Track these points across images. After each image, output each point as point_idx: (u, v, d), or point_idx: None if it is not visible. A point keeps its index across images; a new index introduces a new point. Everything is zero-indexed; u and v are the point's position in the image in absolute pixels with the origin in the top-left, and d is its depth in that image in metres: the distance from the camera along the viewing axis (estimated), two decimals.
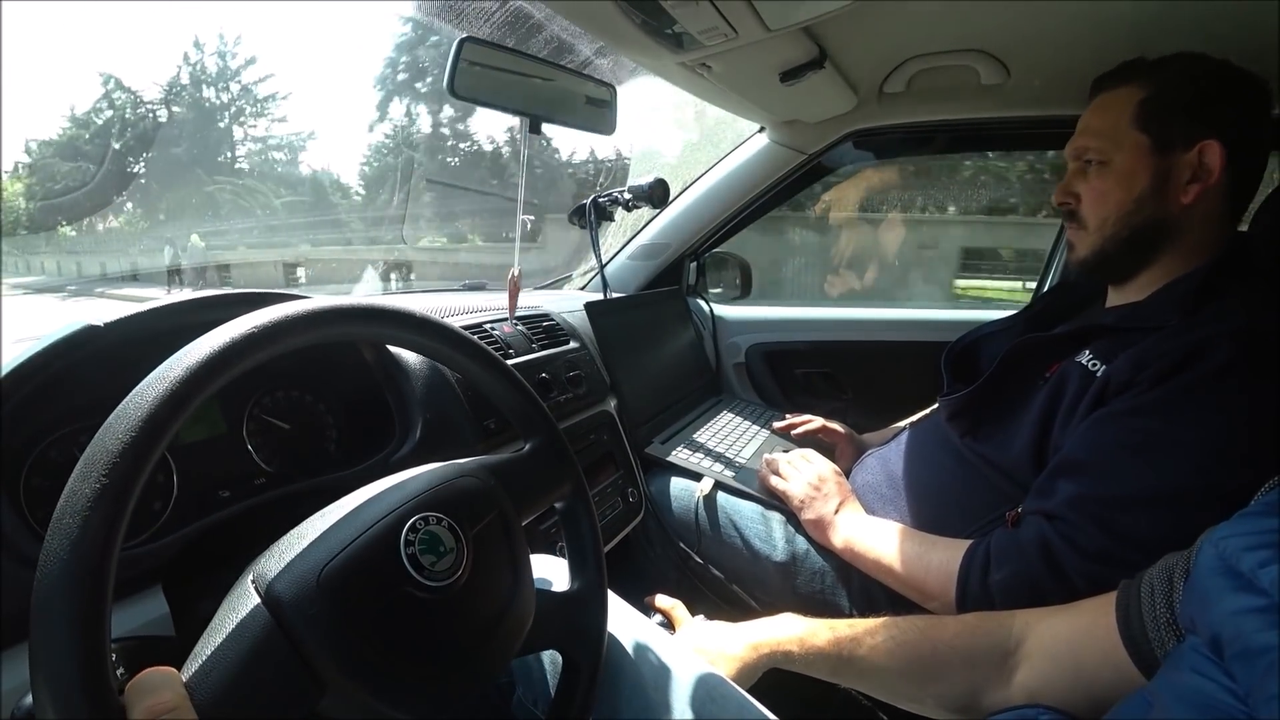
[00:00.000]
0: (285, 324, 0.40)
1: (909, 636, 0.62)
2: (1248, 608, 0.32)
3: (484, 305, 1.13)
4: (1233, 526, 0.38)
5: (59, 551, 0.30)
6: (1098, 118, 0.80)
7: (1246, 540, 0.35)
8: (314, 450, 0.76)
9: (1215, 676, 0.33)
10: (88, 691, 0.29)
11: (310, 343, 0.42)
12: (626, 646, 0.63)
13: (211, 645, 0.36)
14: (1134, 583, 0.48)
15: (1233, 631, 0.33)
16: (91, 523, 0.30)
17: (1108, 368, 0.71)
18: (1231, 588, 0.34)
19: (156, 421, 0.33)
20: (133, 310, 0.59)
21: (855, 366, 1.58)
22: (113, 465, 0.32)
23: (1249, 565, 0.33)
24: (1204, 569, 0.37)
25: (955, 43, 1.08)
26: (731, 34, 0.85)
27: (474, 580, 0.44)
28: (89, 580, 0.30)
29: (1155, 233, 0.76)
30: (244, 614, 0.37)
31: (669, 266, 1.61)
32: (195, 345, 0.37)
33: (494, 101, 1.00)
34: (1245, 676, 0.31)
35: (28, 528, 0.53)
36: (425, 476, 0.48)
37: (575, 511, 0.58)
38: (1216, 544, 0.37)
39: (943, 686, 0.59)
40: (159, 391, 0.34)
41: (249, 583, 0.39)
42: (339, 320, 0.45)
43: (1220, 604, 0.34)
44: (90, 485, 0.31)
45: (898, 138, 1.47)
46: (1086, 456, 0.68)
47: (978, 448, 0.83)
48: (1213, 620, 0.35)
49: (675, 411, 1.35)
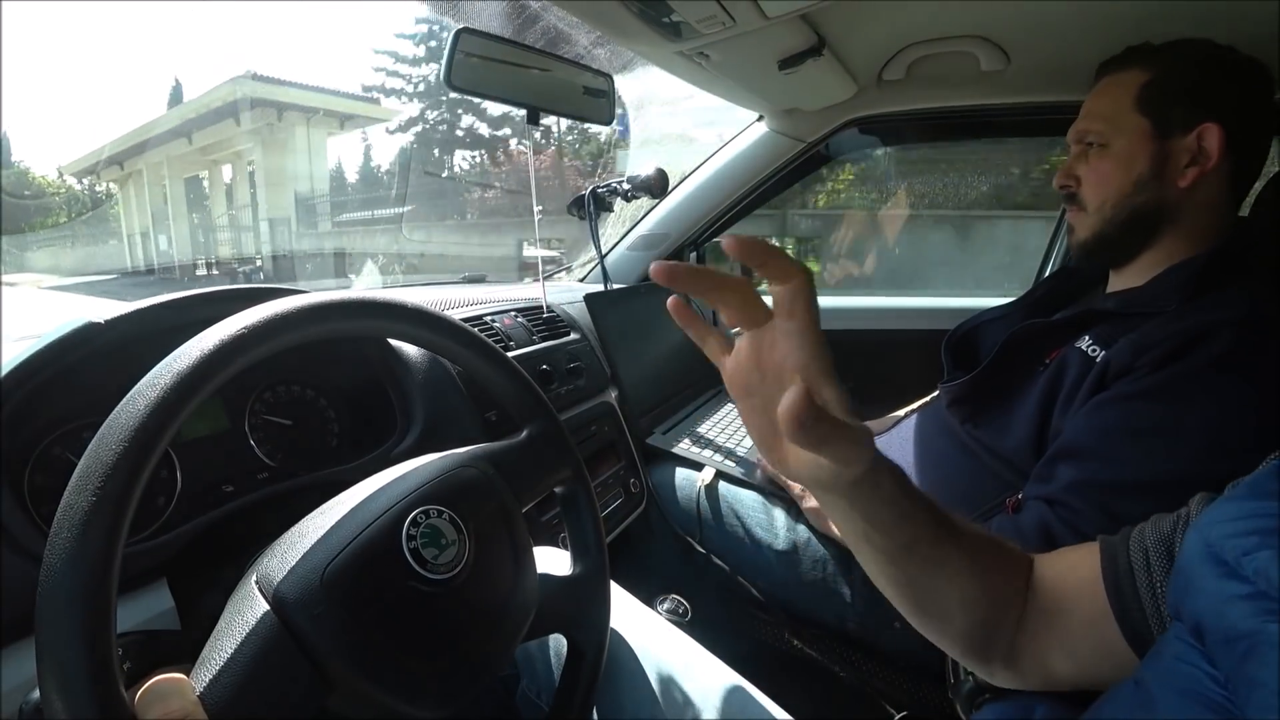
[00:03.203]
0: (278, 322, 0.40)
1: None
2: (1231, 594, 0.32)
3: (484, 297, 1.13)
4: (1218, 511, 0.38)
5: (60, 564, 0.30)
6: (1100, 101, 0.79)
7: (1232, 527, 0.35)
8: (316, 444, 0.77)
9: (1197, 663, 0.33)
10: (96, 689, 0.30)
11: (305, 340, 0.42)
12: (630, 639, 0.63)
13: (219, 650, 0.36)
14: (1118, 556, 0.45)
15: (1215, 618, 0.33)
16: (90, 535, 0.30)
17: (1108, 352, 0.71)
18: (1215, 575, 0.34)
19: (149, 431, 0.33)
20: (133, 307, 0.59)
21: (855, 355, 1.57)
22: (107, 477, 0.32)
23: (1233, 553, 0.33)
24: (1190, 556, 0.37)
25: (955, 29, 1.07)
26: (729, 22, 0.85)
27: (477, 571, 0.44)
28: (93, 585, 0.30)
29: (1154, 216, 0.76)
30: (250, 617, 0.37)
31: (669, 256, 1.60)
32: (187, 348, 0.36)
33: (491, 93, 0.99)
34: (1225, 661, 0.32)
35: (32, 523, 0.53)
36: (424, 469, 0.48)
37: (575, 496, 0.58)
38: (1202, 530, 0.37)
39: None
40: (150, 399, 0.34)
41: (253, 584, 0.40)
42: (334, 316, 0.44)
43: (1203, 591, 0.34)
44: (86, 498, 0.31)
45: (898, 125, 1.46)
46: (1087, 441, 0.68)
47: (978, 434, 0.83)
48: (1196, 607, 0.35)
49: (676, 402, 1.35)
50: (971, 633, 0.47)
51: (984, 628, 0.47)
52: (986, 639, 0.48)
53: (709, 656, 0.64)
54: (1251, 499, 0.36)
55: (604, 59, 1.13)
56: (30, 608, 0.30)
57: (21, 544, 0.50)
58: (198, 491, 0.65)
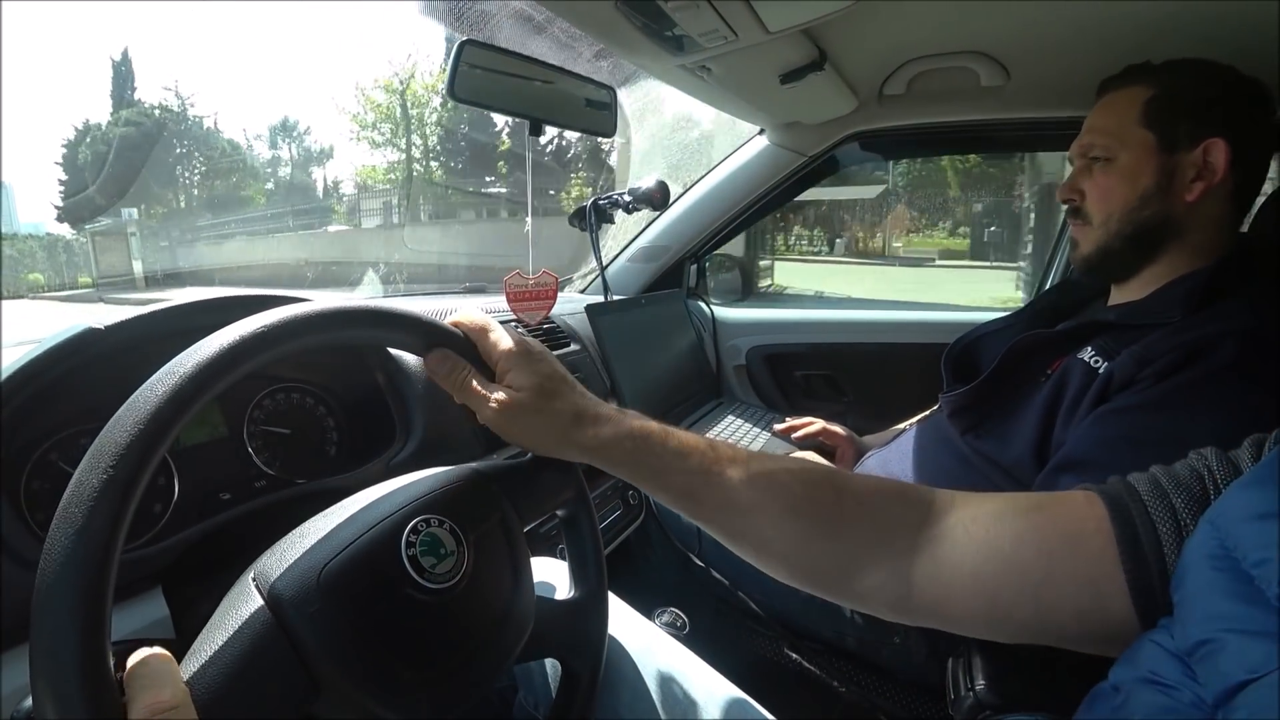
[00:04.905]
0: (297, 323, 0.40)
1: (814, 476, 0.49)
2: (1246, 618, 0.31)
3: (485, 308, 1.13)
4: (1232, 498, 0.36)
5: (64, 541, 0.30)
6: (1104, 116, 0.80)
7: (1252, 531, 0.33)
8: (314, 453, 0.76)
9: (1180, 682, 0.32)
10: (87, 692, 0.29)
11: (325, 344, 0.42)
12: (627, 649, 0.63)
13: (211, 642, 0.36)
14: (1134, 516, 0.41)
15: (1215, 635, 0.31)
16: (97, 514, 0.30)
17: (1110, 364, 0.71)
18: (1226, 589, 0.32)
19: (163, 418, 0.33)
20: (133, 313, 0.59)
21: (855, 369, 1.58)
22: (120, 457, 0.31)
23: (1254, 559, 0.31)
24: (1198, 551, 0.35)
25: (955, 44, 1.08)
26: (731, 36, 0.85)
27: (474, 584, 0.44)
28: (91, 573, 0.30)
29: (1159, 230, 0.76)
30: (244, 611, 0.37)
31: (669, 269, 1.61)
32: (206, 342, 0.37)
33: (494, 104, 1.00)
34: (1210, 683, 0.30)
35: (28, 530, 0.53)
36: (429, 479, 0.48)
37: (577, 519, 0.58)
38: (1215, 522, 0.36)
39: (839, 545, 0.47)
40: (168, 386, 0.34)
41: (250, 580, 0.39)
42: (361, 323, 0.45)
43: (1211, 605, 0.33)
44: (98, 476, 0.31)
45: (898, 139, 1.47)
46: (1089, 452, 0.68)
47: (979, 446, 0.83)
48: (1200, 622, 0.33)
49: (676, 414, 1.35)
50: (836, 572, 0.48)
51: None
52: (872, 571, 0.47)
53: (707, 668, 0.63)
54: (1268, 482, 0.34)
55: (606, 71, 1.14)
56: (25, 614, 0.30)
57: (17, 550, 0.49)
58: (195, 499, 0.65)
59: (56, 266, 19.11)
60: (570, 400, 0.49)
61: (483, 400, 0.48)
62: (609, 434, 0.48)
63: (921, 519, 0.46)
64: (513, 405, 0.47)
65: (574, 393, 0.50)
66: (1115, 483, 0.45)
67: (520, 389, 0.48)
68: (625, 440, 0.48)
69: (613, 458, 0.49)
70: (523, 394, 0.48)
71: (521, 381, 0.48)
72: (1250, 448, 0.42)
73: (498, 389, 0.48)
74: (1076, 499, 0.44)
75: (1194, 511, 0.39)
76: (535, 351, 0.50)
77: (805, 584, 0.49)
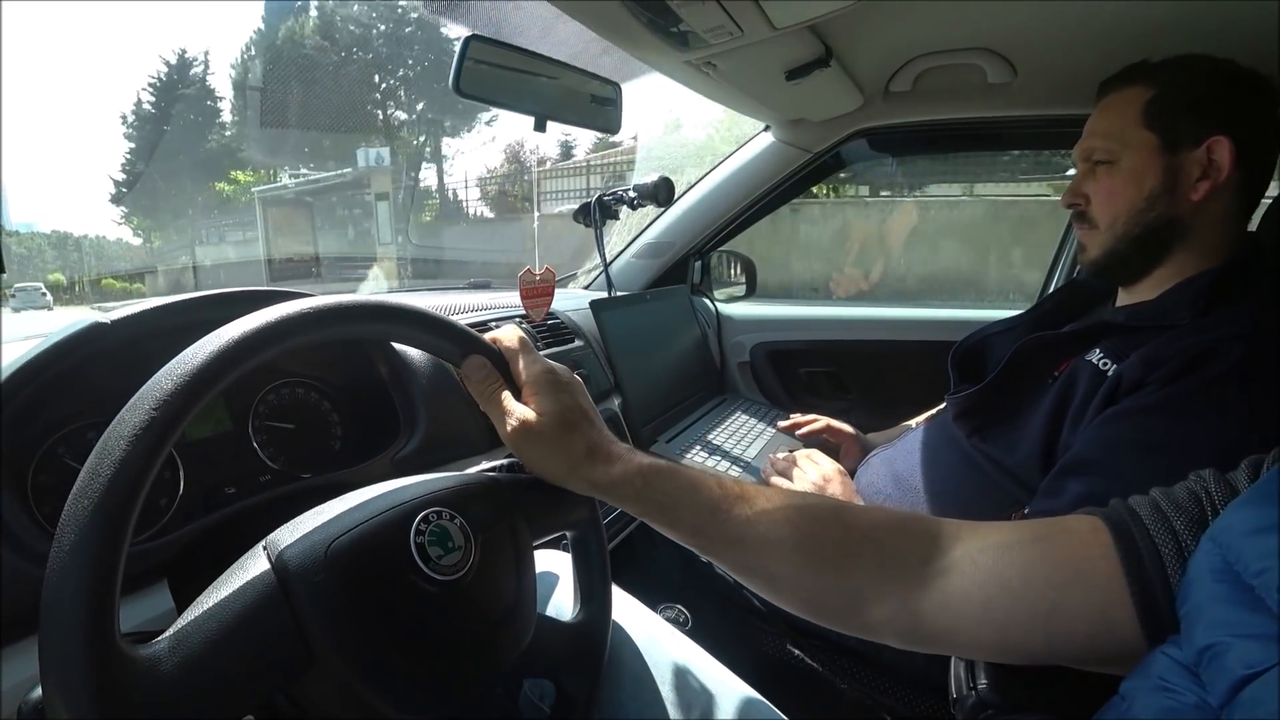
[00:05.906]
0: (312, 316, 0.41)
1: (821, 512, 0.50)
2: (1248, 624, 0.31)
3: (489, 304, 1.13)
4: (1233, 516, 0.37)
5: (74, 533, 0.30)
6: (1105, 119, 0.79)
7: (1252, 545, 0.34)
8: (319, 447, 0.77)
9: (1187, 688, 0.33)
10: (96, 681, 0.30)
11: (367, 335, 0.44)
12: (631, 642, 0.63)
13: (214, 596, 0.37)
14: (1137, 541, 0.42)
15: (1220, 644, 0.32)
16: (97, 527, 0.31)
17: (1119, 366, 0.70)
18: (1229, 599, 0.33)
19: (177, 402, 0.34)
20: (139, 307, 0.59)
21: (860, 366, 1.58)
22: (123, 460, 0.32)
23: (1255, 570, 0.32)
24: (1201, 567, 0.36)
25: (962, 41, 1.08)
26: (737, 32, 0.85)
27: (477, 581, 0.44)
28: (101, 563, 0.30)
29: (1167, 231, 0.75)
30: (251, 573, 0.38)
31: (674, 265, 1.61)
32: (220, 333, 0.38)
33: (500, 100, 1.00)
34: (1215, 685, 0.31)
35: (34, 523, 0.53)
36: (446, 479, 0.49)
37: (587, 541, 0.57)
38: (1216, 539, 0.36)
39: (847, 580, 0.48)
40: (185, 371, 0.35)
41: (260, 548, 0.41)
42: (405, 321, 0.47)
43: (1215, 614, 0.33)
44: (101, 477, 0.31)
45: (904, 136, 1.46)
46: (1096, 455, 0.67)
47: (985, 447, 0.83)
48: (1204, 629, 0.34)
49: (680, 411, 1.35)
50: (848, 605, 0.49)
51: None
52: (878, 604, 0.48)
53: (710, 660, 0.63)
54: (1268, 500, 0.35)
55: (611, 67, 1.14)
56: (31, 607, 0.30)
57: (23, 543, 0.50)
58: (200, 493, 0.65)
59: (68, 264, 19.24)
60: (587, 435, 0.50)
61: (506, 416, 0.49)
62: (618, 473, 0.49)
63: (928, 552, 0.46)
64: (533, 429, 0.49)
65: (592, 428, 0.51)
66: (1117, 505, 0.46)
67: (542, 414, 0.49)
68: (635, 479, 0.49)
69: (620, 495, 0.49)
70: (544, 419, 0.49)
71: (545, 407, 0.49)
72: (1248, 468, 0.43)
73: (522, 409, 0.49)
74: (1081, 527, 0.45)
75: (1194, 533, 0.40)
76: (564, 380, 0.51)
77: (815, 617, 0.50)
